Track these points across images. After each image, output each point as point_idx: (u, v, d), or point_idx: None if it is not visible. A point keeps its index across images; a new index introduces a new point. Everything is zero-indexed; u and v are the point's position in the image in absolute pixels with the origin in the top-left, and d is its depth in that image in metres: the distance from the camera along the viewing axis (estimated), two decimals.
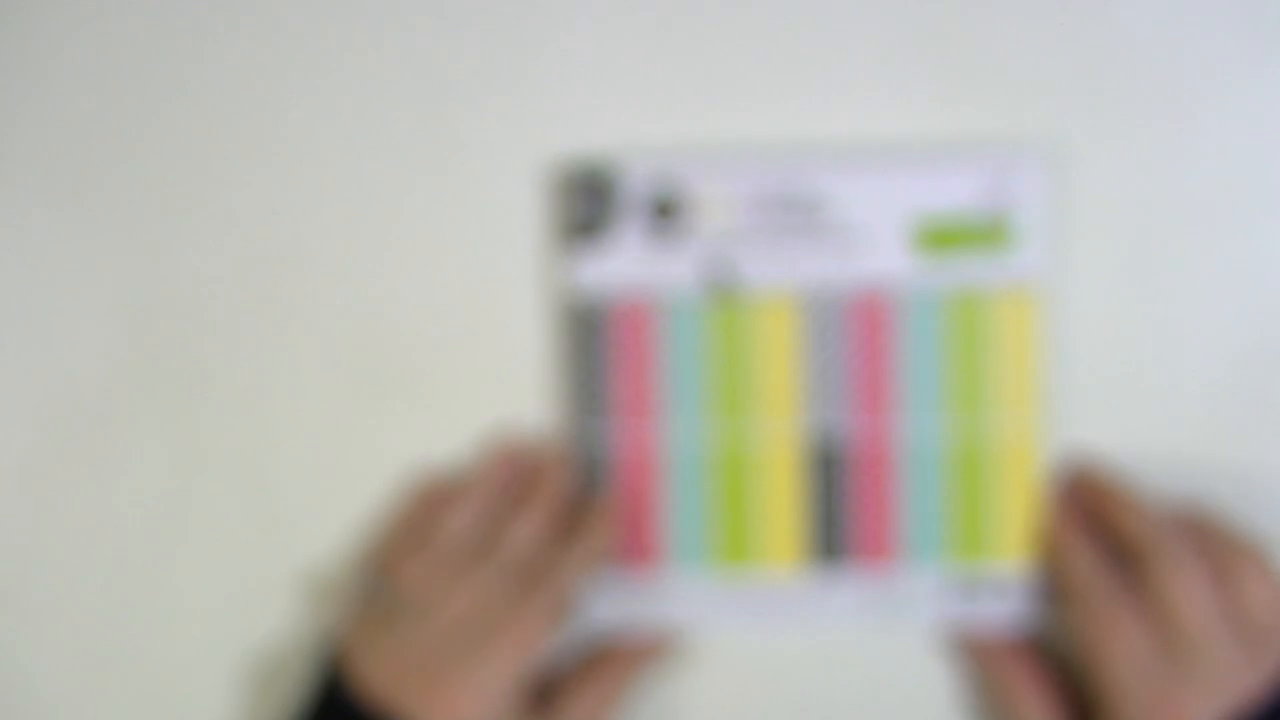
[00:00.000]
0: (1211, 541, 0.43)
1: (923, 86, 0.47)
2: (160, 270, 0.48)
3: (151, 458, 0.49)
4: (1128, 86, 0.46)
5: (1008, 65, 0.46)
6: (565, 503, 0.46)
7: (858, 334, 0.46)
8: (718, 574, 0.47)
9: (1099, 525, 0.45)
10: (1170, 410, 0.47)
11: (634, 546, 0.47)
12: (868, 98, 0.47)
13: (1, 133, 0.48)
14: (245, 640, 0.49)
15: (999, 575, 0.46)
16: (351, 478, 0.48)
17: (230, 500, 0.49)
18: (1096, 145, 0.46)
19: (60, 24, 0.48)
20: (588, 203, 0.46)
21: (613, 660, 0.46)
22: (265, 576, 0.49)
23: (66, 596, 0.49)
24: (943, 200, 0.45)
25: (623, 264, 0.46)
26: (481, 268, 0.48)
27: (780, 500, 0.47)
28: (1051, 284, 0.46)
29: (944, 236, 0.46)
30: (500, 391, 0.48)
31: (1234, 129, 0.46)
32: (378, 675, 0.42)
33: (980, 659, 0.46)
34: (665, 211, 0.46)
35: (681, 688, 0.48)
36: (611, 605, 0.47)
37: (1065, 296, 0.47)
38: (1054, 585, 0.45)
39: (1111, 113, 0.46)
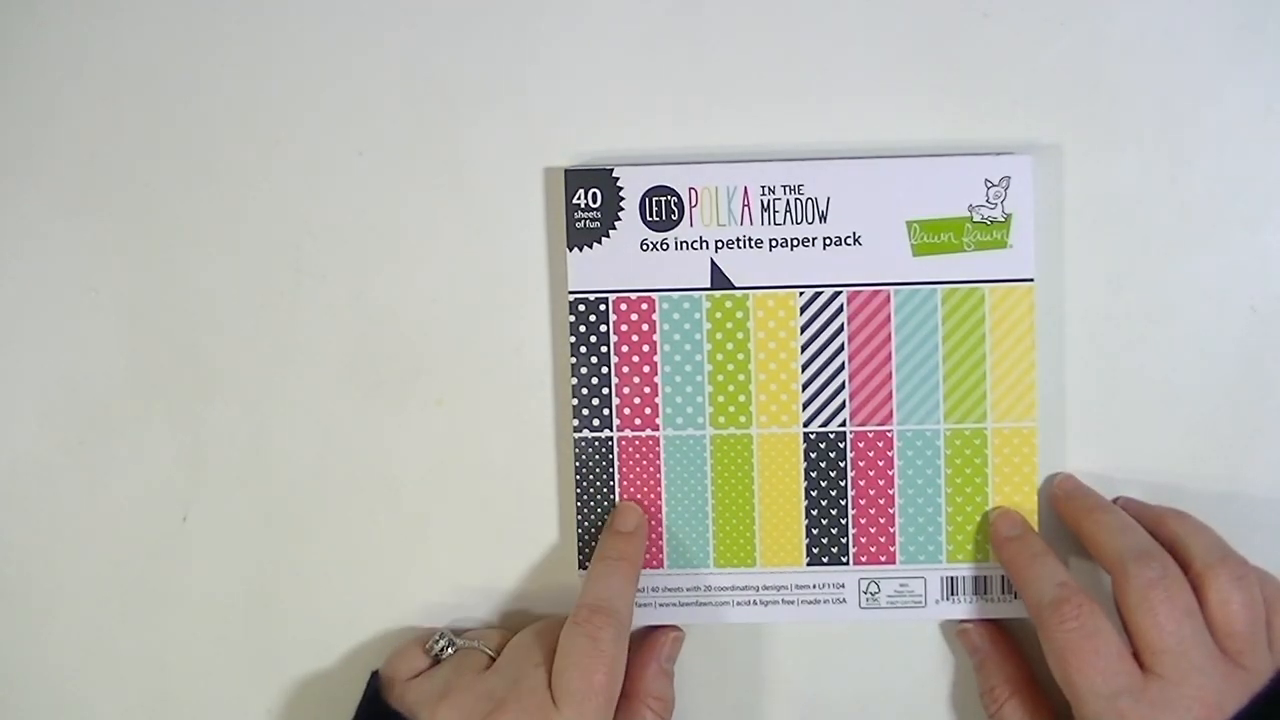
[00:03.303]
0: (1187, 552, 0.42)
1: (921, 93, 0.47)
2: (168, 274, 0.48)
3: (158, 458, 0.49)
4: (1120, 92, 0.46)
5: (1003, 72, 0.47)
6: None
7: (857, 334, 0.46)
8: (719, 574, 0.47)
9: (1076, 540, 0.45)
10: (1162, 409, 0.47)
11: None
12: (868, 103, 0.47)
13: (18, 147, 0.48)
14: (249, 638, 0.49)
15: (998, 576, 0.46)
16: (356, 478, 0.48)
17: (236, 499, 0.49)
18: (1089, 149, 0.47)
19: (72, 40, 0.48)
20: (590, 206, 0.46)
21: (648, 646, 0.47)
22: (269, 575, 0.49)
23: (72, 595, 0.49)
24: (940, 202, 0.46)
25: (625, 266, 0.46)
26: (485, 270, 0.48)
27: (782, 498, 0.47)
28: (1045, 284, 0.46)
29: (941, 238, 0.46)
30: (503, 392, 0.48)
31: (1223, 133, 0.46)
32: None
33: (974, 652, 0.47)
34: (666, 213, 0.46)
35: (684, 686, 0.48)
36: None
37: (1059, 296, 0.47)
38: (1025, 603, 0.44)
39: (1104, 117, 0.47)
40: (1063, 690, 0.41)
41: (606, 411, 0.47)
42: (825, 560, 0.47)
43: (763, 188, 0.46)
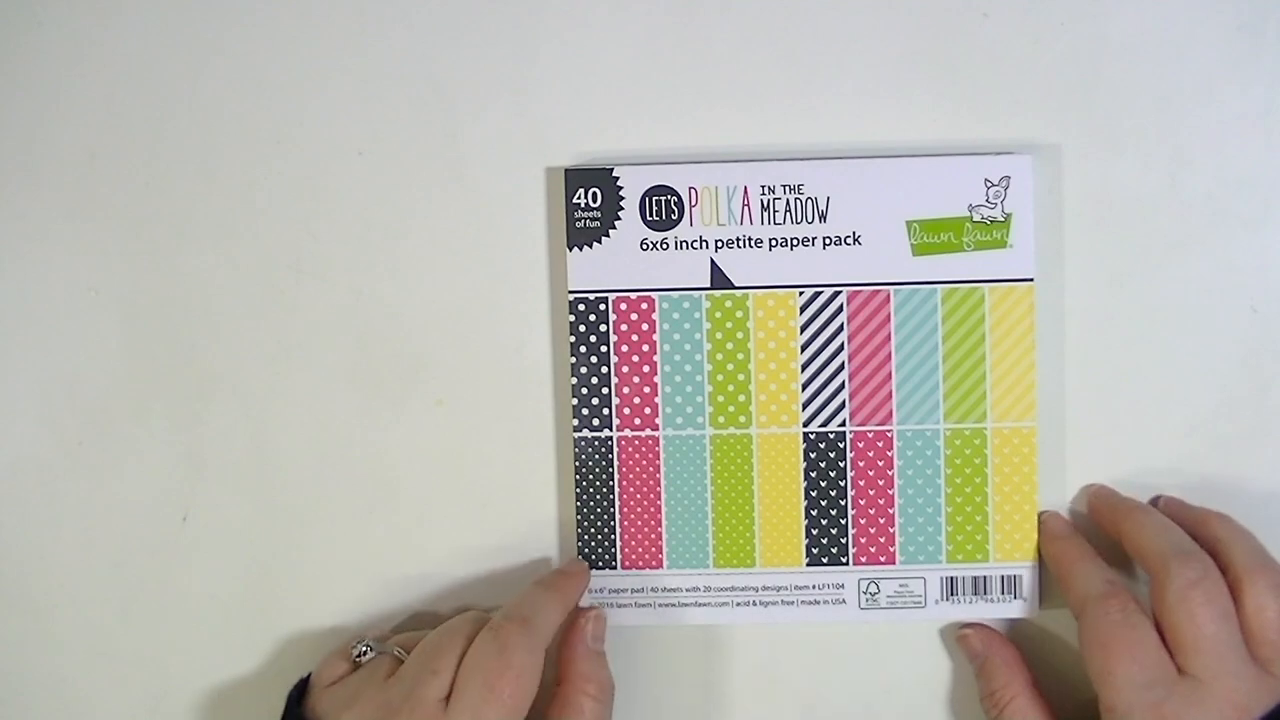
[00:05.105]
0: (1226, 555, 0.42)
1: (921, 93, 0.47)
2: (168, 274, 0.48)
3: (158, 458, 0.49)
4: (1120, 92, 0.46)
5: (1003, 72, 0.47)
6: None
7: (857, 334, 0.46)
8: (718, 574, 0.47)
9: (1113, 541, 0.45)
10: (1162, 409, 0.47)
11: (637, 548, 0.47)
12: (868, 103, 0.47)
13: (18, 147, 0.48)
14: (249, 639, 0.49)
15: (997, 576, 0.46)
16: (356, 478, 0.48)
17: (235, 499, 0.49)
18: (1089, 149, 0.47)
19: (72, 40, 0.48)
20: (590, 205, 0.46)
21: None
22: (269, 575, 0.49)
23: (72, 595, 0.49)
24: (940, 202, 0.46)
25: (625, 266, 0.46)
26: (485, 270, 0.48)
27: (781, 498, 0.47)
28: (1045, 284, 0.46)
29: (941, 238, 0.46)
30: (503, 392, 0.48)
31: (1223, 133, 0.46)
32: None
33: (975, 657, 0.46)
34: (666, 213, 0.46)
35: (684, 686, 0.48)
36: (617, 607, 0.47)
37: (1059, 296, 0.47)
38: (1066, 600, 0.44)
39: (1104, 117, 0.47)
40: (1095, 682, 0.42)
41: (606, 411, 0.47)
42: (825, 560, 0.47)
43: (763, 187, 0.46)
